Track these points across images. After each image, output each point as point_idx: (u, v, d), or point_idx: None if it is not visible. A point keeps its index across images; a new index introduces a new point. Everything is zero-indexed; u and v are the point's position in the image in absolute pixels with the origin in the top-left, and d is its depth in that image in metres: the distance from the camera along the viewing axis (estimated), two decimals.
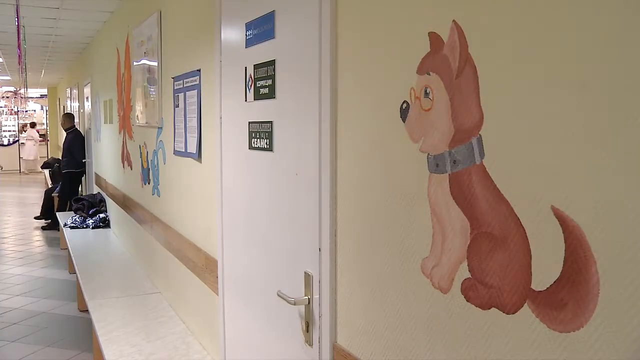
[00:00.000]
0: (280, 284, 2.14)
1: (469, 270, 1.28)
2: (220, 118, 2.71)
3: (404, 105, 1.48)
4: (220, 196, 2.75)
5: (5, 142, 21.16)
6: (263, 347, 2.38)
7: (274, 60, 2.14)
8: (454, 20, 1.30)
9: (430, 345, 1.42)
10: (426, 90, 1.40)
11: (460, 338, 1.32)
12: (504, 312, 1.19)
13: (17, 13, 5.11)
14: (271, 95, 2.16)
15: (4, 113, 21.63)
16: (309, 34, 1.89)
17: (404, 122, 1.48)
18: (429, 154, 1.40)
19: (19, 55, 5.16)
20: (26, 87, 10.22)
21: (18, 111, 21.43)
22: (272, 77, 2.15)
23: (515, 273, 1.16)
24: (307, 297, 1.94)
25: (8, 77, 13.42)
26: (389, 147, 1.55)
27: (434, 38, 1.37)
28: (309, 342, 1.95)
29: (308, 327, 1.95)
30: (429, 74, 1.39)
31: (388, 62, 1.55)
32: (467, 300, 1.29)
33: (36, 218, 10.63)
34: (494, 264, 1.21)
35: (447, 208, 1.34)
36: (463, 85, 1.28)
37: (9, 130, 21.38)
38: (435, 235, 1.39)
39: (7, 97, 20.70)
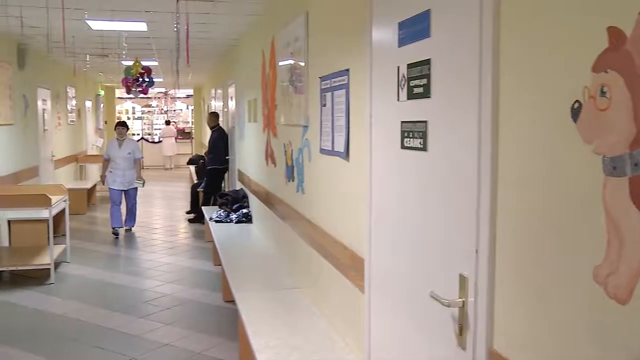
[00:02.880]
0: (431, 284, 2.12)
1: None
2: (371, 117, 2.73)
3: (576, 104, 1.42)
4: (369, 195, 2.77)
5: (156, 140, 22.73)
6: (411, 348, 2.37)
7: (429, 59, 2.13)
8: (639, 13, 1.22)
9: None
10: (603, 89, 1.33)
11: None
12: None
13: (186, 20, 5.53)
14: (426, 94, 2.15)
15: (156, 112, 23.28)
16: (468, 32, 1.85)
17: (575, 122, 1.42)
18: (604, 156, 1.33)
19: (187, 59, 5.57)
20: (177, 87, 10.93)
21: (167, 110, 22.97)
22: (427, 77, 2.14)
23: None
24: (461, 300, 1.91)
25: (161, 79, 14.43)
26: (557, 147, 1.49)
27: (614, 33, 1.29)
28: (462, 345, 1.92)
29: (462, 330, 1.92)
30: (607, 72, 1.32)
31: (556, 60, 1.49)
32: None
33: (187, 212, 11.22)
34: None
35: (626, 213, 1.26)
36: None
37: (159, 129, 22.95)
38: (610, 242, 1.32)
39: (158, 98, 22.28)
